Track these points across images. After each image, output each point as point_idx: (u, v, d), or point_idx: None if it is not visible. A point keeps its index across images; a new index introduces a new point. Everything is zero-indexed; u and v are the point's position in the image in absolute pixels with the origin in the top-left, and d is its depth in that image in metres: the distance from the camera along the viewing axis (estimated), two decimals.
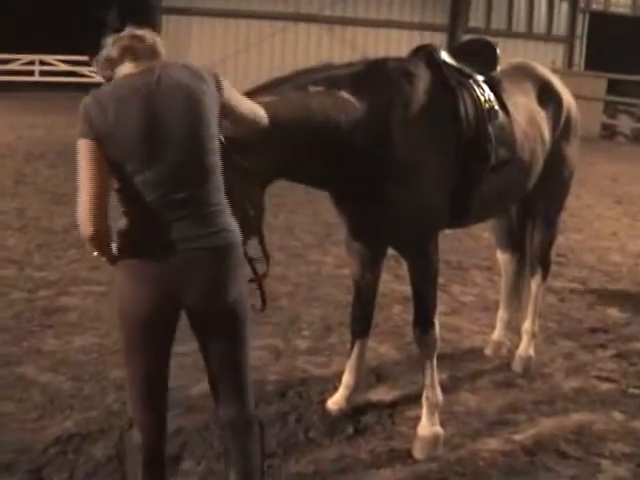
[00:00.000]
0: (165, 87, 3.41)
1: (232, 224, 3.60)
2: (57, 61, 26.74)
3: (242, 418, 3.84)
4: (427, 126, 4.81)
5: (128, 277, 3.52)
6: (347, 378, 5.58)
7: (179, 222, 3.43)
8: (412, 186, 4.71)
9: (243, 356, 3.77)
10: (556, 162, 5.94)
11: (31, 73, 27.11)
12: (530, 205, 6.17)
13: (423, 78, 4.94)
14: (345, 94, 4.57)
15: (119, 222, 3.54)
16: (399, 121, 4.70)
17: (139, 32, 3.54)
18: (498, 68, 5.51)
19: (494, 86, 5.35)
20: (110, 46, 3.50)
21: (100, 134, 3.32)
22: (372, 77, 4.74)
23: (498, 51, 5.58)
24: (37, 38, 26.32)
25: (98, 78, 3.61)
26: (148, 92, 3.38)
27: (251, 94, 4.20)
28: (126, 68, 3.48)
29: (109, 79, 3.52)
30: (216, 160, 3.52)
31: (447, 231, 5.51)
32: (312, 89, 4.47)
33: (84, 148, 3.34)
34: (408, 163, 4.68)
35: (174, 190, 3.40)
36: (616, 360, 6.75)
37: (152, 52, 3.52)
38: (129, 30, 3.54)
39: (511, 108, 5.39)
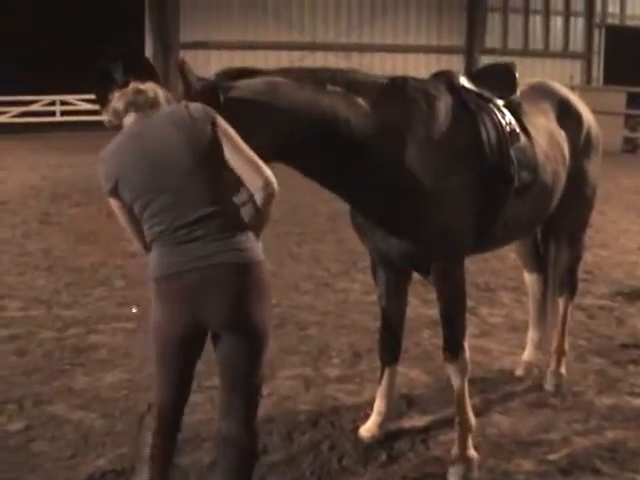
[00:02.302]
0: (156, 124, 3.77)
1: (249, 243, 3.76)
2: (78, 100, 26.93)
3: (237, 437, 3.94)
4: (446, 148, 4.80)
5: (155, 296, 3.81)
6: (378, 405, 5.56)
7: (195, 242, 3.70)
8: (432, 209, 4.71)
9: (254, 379, 3.91)
10: (578, 180, 5.92)
11: (52, 114, 27.34)
12: (554, 224, 6.14)
13: (443, 101, 4.95)
14: (361, 101, 4.60)
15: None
16: (416, 140, 4.71)
17: (142, 87, 3.87)
18: (518, 91, 5.51)
19: (514, 109, 5.36)
20: (116, 100, 3.85)
21: (113, 186, 3.78)
22: (392, 92, 4.77)
23: (517, 74, 5.59)
24: (57, 78, 26.55)
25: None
26: (141, 134, 3.77)
27: (267, 72, 4.40)
28: (130, 117, 3.84)
29: (117, 127, 3.90)
30: (221, 183, 3.72)
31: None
32: (330, 87, 4.52)
33: (110, 203, 3.90)
34: (425, 184, 4.68)
35: (185, 212, 3.70)
36: None
37: (153, 103, 3.85)
38: (133, 85, 3.85)
39: (532, 130, 5.39)
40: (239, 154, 3.72)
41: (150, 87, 3.86)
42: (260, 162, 3.73)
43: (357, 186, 4.68)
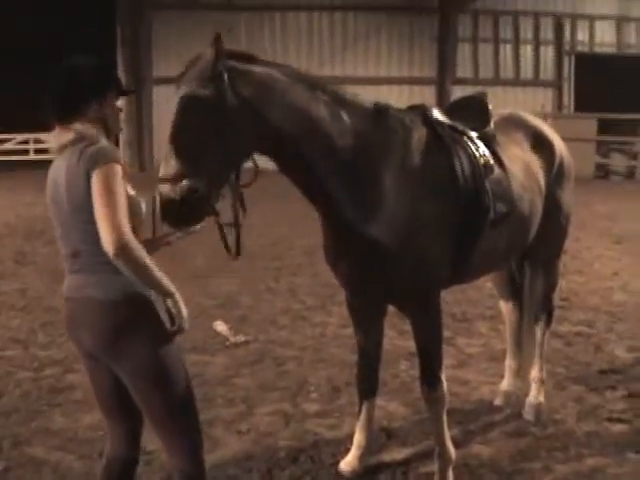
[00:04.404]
0: (61, 163, 3.83)
1: (119, 283, 3.75)
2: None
3: (180, 472, 3.99)
4: (420, 179, 4.80)
5: None
6: (358, 438, 5.55)
7: (76, 273, 3.88)
8: (406, 239, 4.68)
9: (157, 413, 3.92)
10: (552, 209, 5.96)
11: (26, 152, 27.32)
12: (529, 253, 6.16)
13: (420, 133, 4.97)
14: (346, 117, 4.61)
15: None
16: (392, 168, 4.71)
17: (63, 131, 3.88)
18: (491, 124, 5.54)
19: (488, 141, 5.38)
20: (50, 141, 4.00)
21: None
22: (374, 117, 4.77)
23: (490, 107, 5.63)
24: (36, 116, 26.54)
25: None
26: (53, 168, 3.91)
27: (266, 63, 4.43)
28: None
29: None
30: (92, 228, 3.69)
31: None
32: (320, 94, 4.55)
33: None
34: (400, 213, 4.67)
35: (67, 245, 3.89)
36: (627, 400, 6.73)
37: (75, 141, 3.82)
38: (57, 129, 3.92)
39: (506, 162, 5.41)
40: (97, 210, 3.63)
41: (60, 138, 3.87)
42: (114, 221, 3.58)
43: (329, 199, 4.64)
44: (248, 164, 4.42)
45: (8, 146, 27.29)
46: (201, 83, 4.10)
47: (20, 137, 27.19)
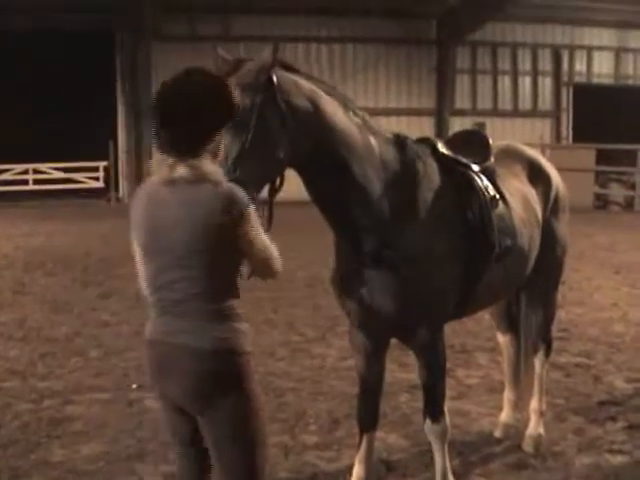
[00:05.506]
0: (169, 203, 3.53)
1: (219, 332, 3.56)
2: (51, 169, 26.96)
3: None
4: (432, 212, 4.87)
5: None
6: (357, 471, 5.51)
7: (166, 317, 3.63)
8: (422, 273, 4.73)
9: (235, 470, 3.67)
10: (549, 241, 5.98)
11: (25, 182, 27.33)
12: (527, 284, 6.16)
13: (432, 166, 5.04)
14: (374, 143, 4.69)
15: None
16: (411, 200, 4.79)
17: (174, 164, 3.53)
18: (492, 158, 5.57)
19: (490, 175, 5.42)
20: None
21: (132, 225, 3.68)
22: (395, 147, 4.85)
23: (491, 141, 5.66)
24: (36, 146, 26.64)
25: (91, 184, 3.78)
26: (149, 203, 3.60)
27: (304, 74, 4.49)
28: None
29: None
30: (207, 273, 3.52)
31: None
32: (352, 115, 4.62)
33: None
34: (412, 244, 4.72)
35: (162, 288, 3.61)
36: (627, 431, 6.70)
37: (193, 178, 3.49)
38: (165, 159, 3.56)
39: (507, 195, 5.46)
40: (254, 254, 3.57)
41: (169, 170, 3.52)
42: (273, 259, 3.62)
43: (350, 223, 4.70)
44: None
45: (7, 176, 27.28)
46: (253, 87, 4.13)
47: (19, 167, 27.20)
